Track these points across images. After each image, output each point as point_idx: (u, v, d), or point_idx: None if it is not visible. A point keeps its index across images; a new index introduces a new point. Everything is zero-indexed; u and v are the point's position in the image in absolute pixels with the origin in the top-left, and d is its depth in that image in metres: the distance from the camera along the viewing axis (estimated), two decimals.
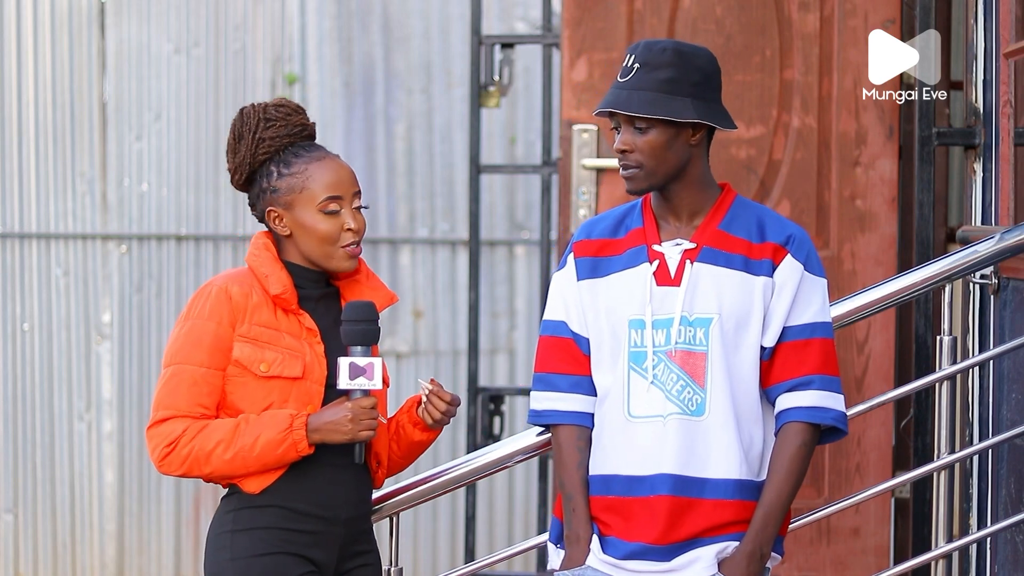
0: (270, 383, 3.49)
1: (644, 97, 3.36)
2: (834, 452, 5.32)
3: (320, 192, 3.53)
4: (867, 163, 5.36)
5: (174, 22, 7.78)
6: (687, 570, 3.35)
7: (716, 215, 3.44)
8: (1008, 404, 4.18)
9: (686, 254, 3.41)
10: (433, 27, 7.91)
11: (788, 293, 3.39)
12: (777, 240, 3.42)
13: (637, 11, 5.44)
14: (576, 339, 3.48)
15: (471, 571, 4.12)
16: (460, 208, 7.85)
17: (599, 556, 3.40)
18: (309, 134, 3.61)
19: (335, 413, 3.51)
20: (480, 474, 3.87)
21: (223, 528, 3.53)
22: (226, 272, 3.61)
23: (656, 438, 3.36)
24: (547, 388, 3.50)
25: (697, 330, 3.38)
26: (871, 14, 5.34)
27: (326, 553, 3.54)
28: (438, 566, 7.87)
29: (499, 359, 7.95)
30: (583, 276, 3.47)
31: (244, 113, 3.59)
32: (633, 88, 3.37)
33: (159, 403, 3.50)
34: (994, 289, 4.30)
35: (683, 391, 3.37)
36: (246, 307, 3.50)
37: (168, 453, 3.47)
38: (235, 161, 3.58)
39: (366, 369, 3.51)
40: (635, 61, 3.39)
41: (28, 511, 7.77)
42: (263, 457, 3.47)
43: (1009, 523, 4.03)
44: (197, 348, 3.49)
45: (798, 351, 3.39)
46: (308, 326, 3.55)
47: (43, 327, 7.76)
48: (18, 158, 7.75)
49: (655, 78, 3.36)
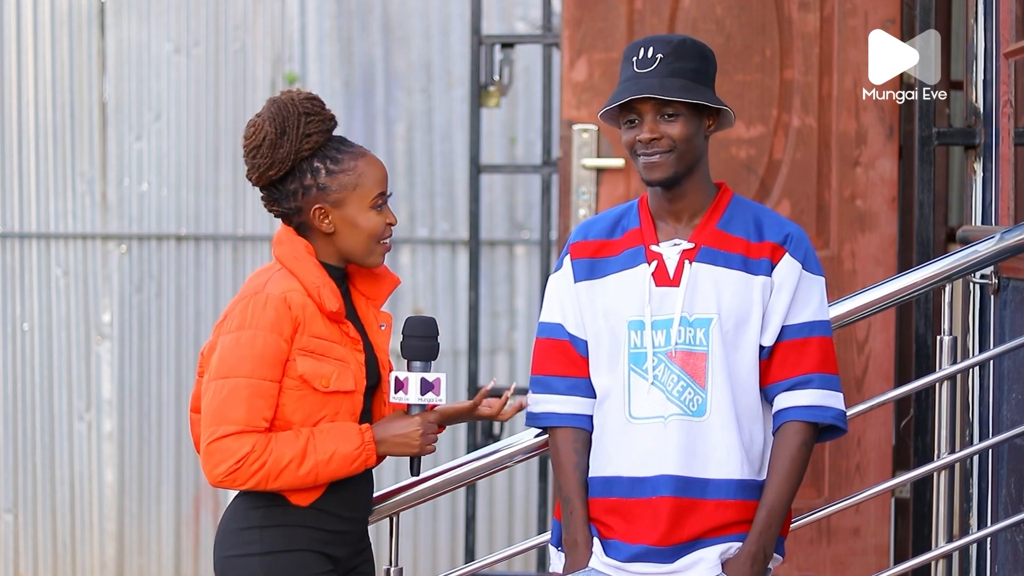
0: (327, 397, 3.44)
1: (677, 83, 3.34)
2: (834, 452, 5.32)
3: (373, 188, 3.48)
4: (867, 163, 5.36)
5: (174, 22, 7.78)
6: (691, 571, 3.35)
7: (714, 214, 3.43)
8: (1008, 404, 4.18)
9: (684, 254, 3.40)
10: (433, 27, 7.91)
11: (787, 292, 3.38)
12: (775, 239, 3.41)
13: (637, 11, 5.44)
14: (573, 341, 3.46)
15: (471, 571, 4.12)
16: (460, 208, 7.85)
17: (602, 559, 3.39)
18: (335, 126, 3.54)
19: (405, 427, 3.48)
20: (480, 474, 3.87)
21: (249, 523, 3.48)
22: (269, 275, 3.47)
23: (657, 439, 3.35)
24: (544, 391, 3.49)
25: (697, 330, 3.37)
26: (871, 14, 5.34)
27: (346, 550, 3.55)
28: (438, 566, 7.86)
29: (499, 359, 7.94)
30: (580, 278, 3.46)
31: (280, 106, 3.46)
32: (662, 76, 3.35)
33: (220, 417, 3.38)
34: (994, 289, 4.30)
35: (684, 391, 3.36)
36: (304, 319, 3.41)
37: (236, 470, 3.36)
38: (275, 156, 3.44)
39: (434, 385, 3.49)
40: (656, 52, 3.36)
41: (28, 511, 7.77)
42: (338, 472, 3.43)
43: (1009, 523, 4.02)
44: (258, 361, 3.38)
45: (797, 350, 3.38)
46: (352, 335, 3.49)
47: (43, 327, 7.75)
48: (18, 158, 7.75)
49: (684, 67, 3.36)
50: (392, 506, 3.84)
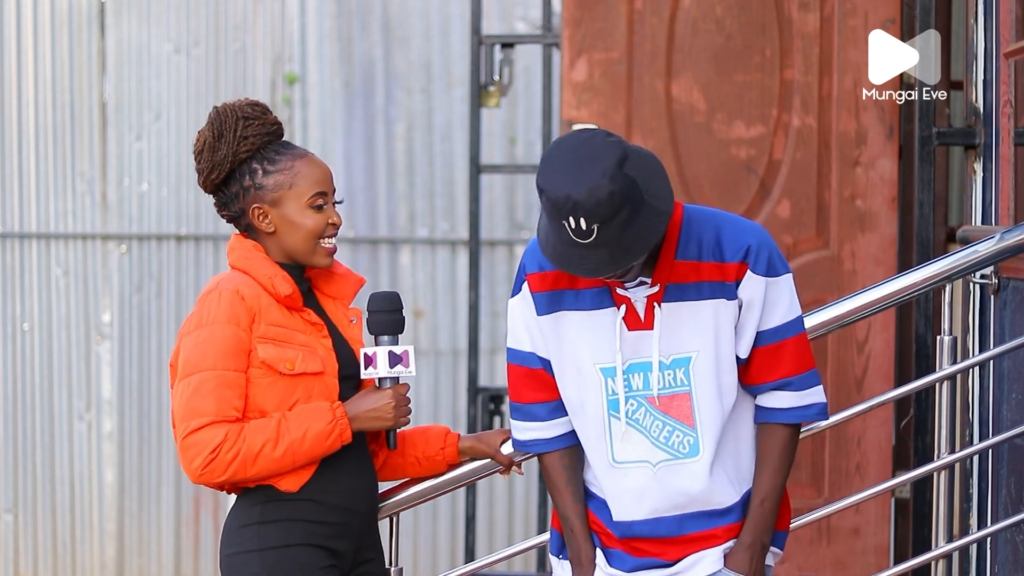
0: (296, 381, 3.49)
1: (623, 248, 3.16)
2: (834, 452, 5.32)
3: (309, 188, 3.55)
4: (867, 163, 5.36)
5: (174, 22, 7.79)
6: (693, 570, 3.36)
7: (669, 246, 3.32)
8: (1008, 404, 4.18)
9: (651, 298, 3.32)
10: (433, 27, 7.91)
11: (757, 307, 3.35)
12: (736, 259, 3.32)
13: (637, 11, 5.44)
14: (546, 366, 3.44)
15: (471, 571, 4.12)
16: (460, 208, 7.85)
17: (605, 570, 3.40)
18: (280, 132, 3.63)
19: (376, 400, 3.53)
20: (480, 474, 3.86)
21: (248, 520, 3.51)
22: (221, 277, 3.57)
23: (647, 484, 3.34)
24: (527, 418, 3.48)
25: (677, 371, 3.33)
26: (871, 14, 5.34)
27: (346, 544, 3.56)
28: (438, 566, 7.87)
29: (499, 359, 7.94)
30: (543, 311, 3.41)
31: (220, 112, 3.57)
32: (605, 244, 3.15)
33: (190, 412, 3.45)
34: (994, 289, 4.30)
35: (671, 436, 3.33)
36: (259, 308, 3.48)
37: (211, 460, 3.41)
38: (214, 160, 3.55)
39: (402, 357, 3.54)
40: (587, 223, 3.13)
41: (28, 511, 7.78)
42: (313, 450, 3.46)
43: (1009, 523, 4.02)
44: (219, 353, 3.44)
45: (772, 355, 3.36)
46: (313, 321, 3.56)
47: (43, 327, 7.76)
48: (18, 158, 7.75)
49: (618, 226, 3.14)
50: (392, 506, 3.84)
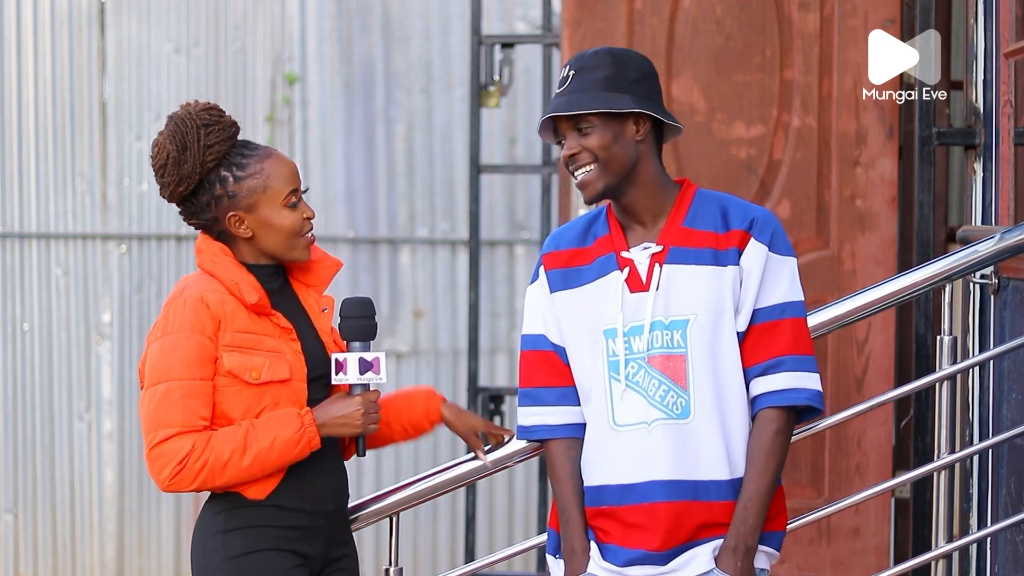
0: (262, 389, 3.47)
1: (584, 97, 3.35)
2: (834, 452, 5.32)
3: (283, 187, 3.52)
4: (867, 163, 5.36)
5: (174, 22, 7.79)
6: (686, 569, 3.36)
7: (679, 213, 3.41)
8: (1008, 404, 4.18)
9: (654, 257, 3.39)
10: (433, 27, 7.91)
11: (755, 277, 3.37)
12: (740, 226, 3.39)
13: (637, 11, 5.45)
14: (557, 351, 3.46)
15: (471, 571, 4.12)
16: (460, 208, 7.85)
17: (599, 564, 3.40)
18: (238, 131, 3.59)
19: (345, 407, 3.51)
20: (480, 474, 3.87)
21: (213, 529, 3.51)
22: (187, 281, 3.54)
23: (643, 445, 3.35)
24: (534, 403, 3.48)
25: (674, 333, 3.36)
26: (871, 14, 5.34)
27: (313, 546, 3.55)
28: (438, 566, 7.87)
29: (499, 359, 7.95)
30: (556, 288, 3.46)
31: (178, 123, 3.52)
32: (571, 92, 3.36)
33: (156, 423, 3.42)
34: (994, 289, 4.30)
35: (666, 396, 3.35)
36: (224, 315, 3.45)
37: (179, 471, 3.40)
38: (180, 173, 3.49)
39: (373, 364, 3.52)
40: (570, 70, 3.39)
41: (28, 511, 7.78)
42: (281, 458, 3.45)
43: (1009, 523, 4.03)
44: (184, 362, 3.42)
45: (768, 333, 3.37)
46: (283, 325, 3.53)
47: (43, 327, 7.76)
48: (18, 158, 7.75)
49: (591, 78, 3.36)
50: (392, 506, 3.84)
